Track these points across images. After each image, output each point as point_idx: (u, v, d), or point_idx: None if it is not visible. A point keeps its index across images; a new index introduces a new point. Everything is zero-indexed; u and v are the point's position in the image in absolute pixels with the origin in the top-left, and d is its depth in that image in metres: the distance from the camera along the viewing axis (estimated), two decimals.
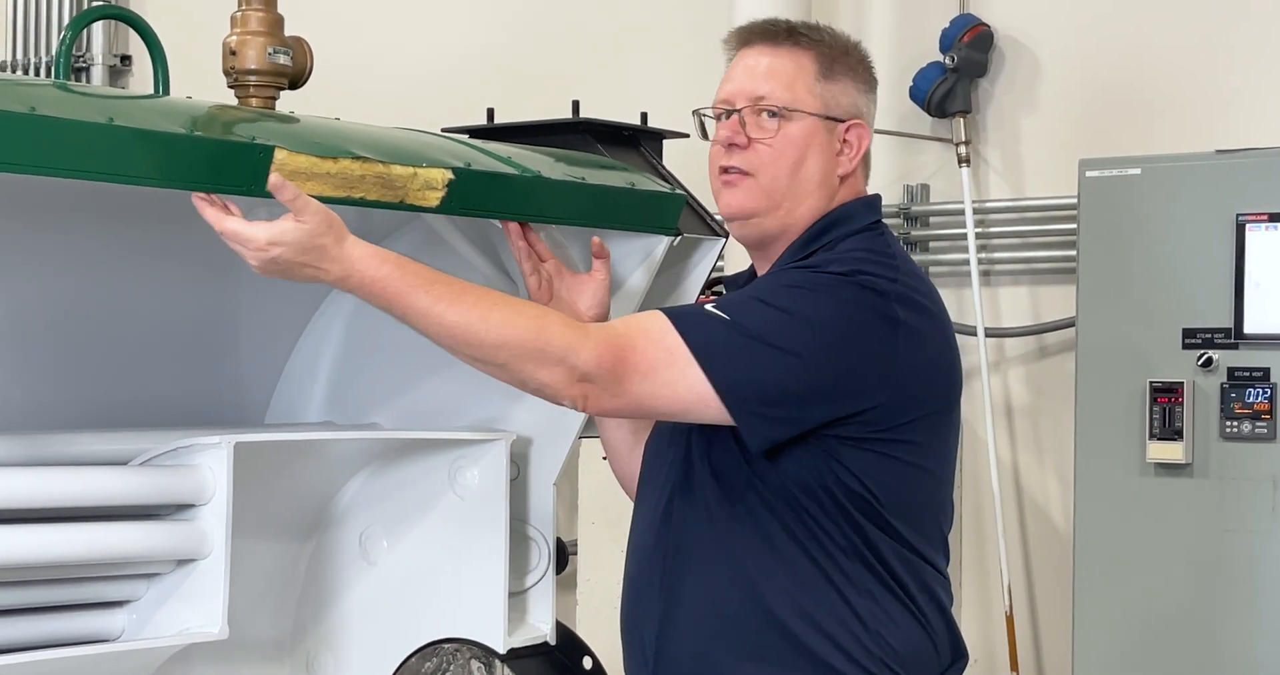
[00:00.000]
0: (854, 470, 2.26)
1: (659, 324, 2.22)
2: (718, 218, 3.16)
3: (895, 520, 2.28)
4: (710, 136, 2.45)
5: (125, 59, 6.35)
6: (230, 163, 2.30)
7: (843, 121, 2.39)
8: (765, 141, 2.35)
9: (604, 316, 2.60)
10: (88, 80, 6.26)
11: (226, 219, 2.23)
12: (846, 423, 2.24)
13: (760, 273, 2.46)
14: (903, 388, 2.27)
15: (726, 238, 3.18)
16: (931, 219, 4.66)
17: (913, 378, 2.28)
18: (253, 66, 2.71)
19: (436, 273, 2.26)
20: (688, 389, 2.20)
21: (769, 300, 2.23)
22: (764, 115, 2.35)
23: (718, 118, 2.42)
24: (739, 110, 2.37)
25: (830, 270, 2.27)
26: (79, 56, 6.30)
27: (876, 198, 2.47)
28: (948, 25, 4.50)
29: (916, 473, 2.31)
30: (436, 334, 2.23)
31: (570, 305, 2.62)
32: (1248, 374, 3.67)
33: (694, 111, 2.47)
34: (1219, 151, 3.79)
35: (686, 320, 2.22)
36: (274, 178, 2.26)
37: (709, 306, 2.24)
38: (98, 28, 6.24)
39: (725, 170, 2.38)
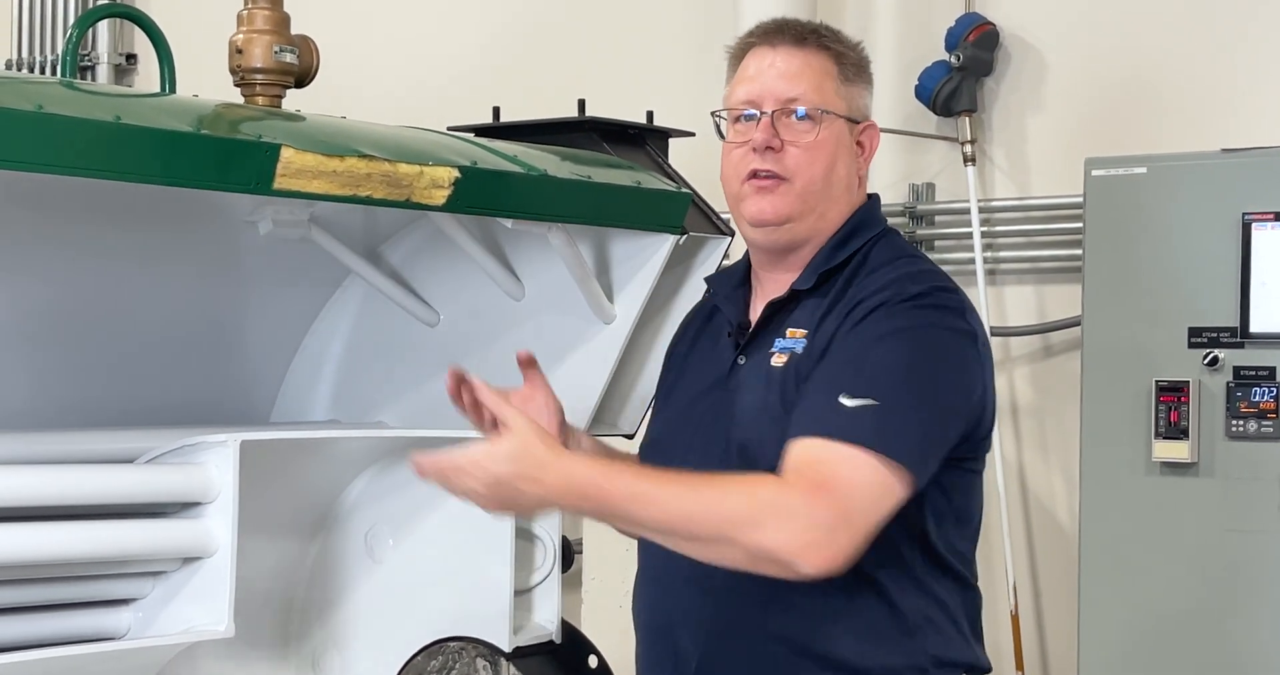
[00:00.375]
0: (944, 487, 2.25)
1: (828, 445, 2.11)
2: (724, 216, 3.16)
3: (957, 530, 2.30)
4: (726, 138, 2.38)
5: (130, 57, 6.34)
6: (237, 161, 2.30)
7: (859, 123, 2.38)
8: (799, 144, 2.30)
9: (563, 421, 2.47)
10: (93, 79, 6.26)
11: (437, 457, 2.15)
12: (960, 444, 2.25)
13: (764, 272, 2.39)
14: (990, 400, 2.31)
15: (732, 236, 3.17)
16: (937, 218, 4.65)
17: (990, 387, 2.31)
18: (259, 65, 2.71)
19: (632, 463, 2.22)
20: (886, 483, 2.10)
21: (890, 363, 2.17)
22: (793, 117, 2.30)
23: (735, 120, 2.35)
24: (768, 113, 2.30)
25: (909, 295, 2.22)
26: (84, 55, 6.30)
27: (878, 197, 2.47)
28: (953, 24, 4.49)
29: (977, 480, 2.34)
30: (656, 519, 2.11)
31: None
32: (1254, 373, 3.66)
33: (714, 113, 2.39)
34: (1225, 150, 3.78)
35: (847, 427, 2.12)
36: (478, 383, 2.23)
37: (844, 401, 2.13)
38: (103, 26, 6.23)
39: (756, 174, 2.30)
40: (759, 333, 2.34)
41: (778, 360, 2.28)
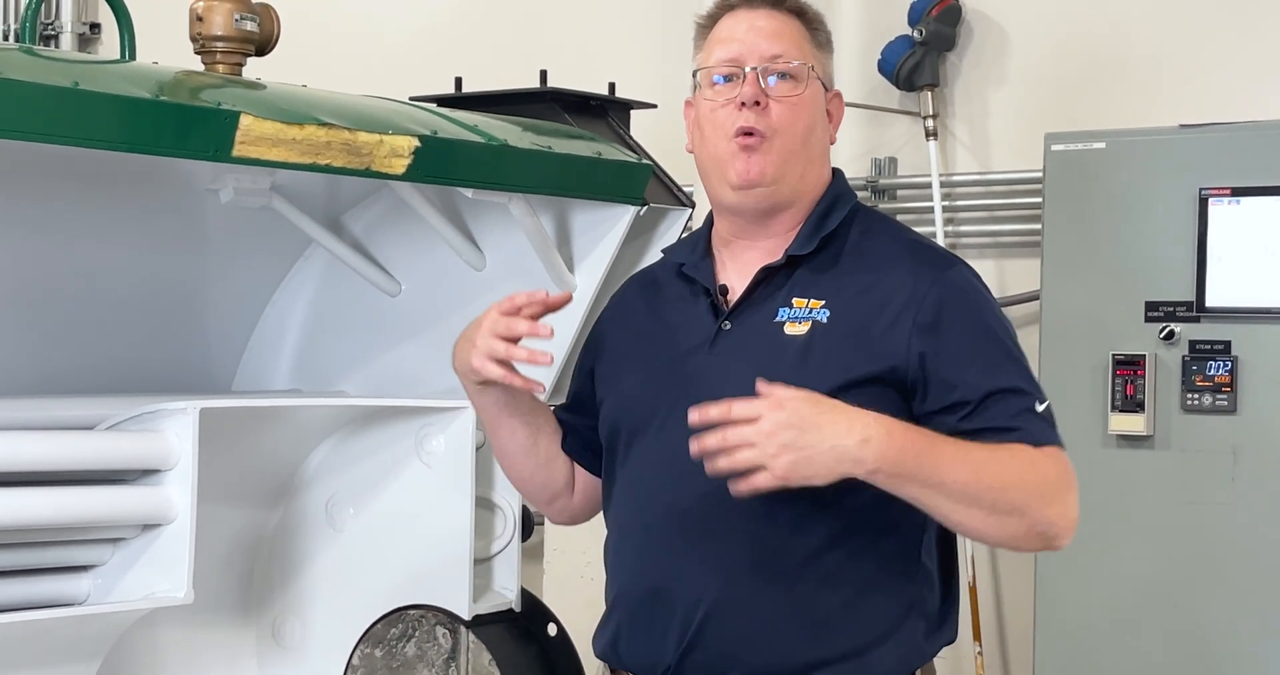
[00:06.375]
0: None
1: (1052, 450, 2.22)
2: (687, 189, 3.18)
3: None
4: (705, 97, 2.34)
5: (94, 27, 6.32)
6: (196, 128, 2.30)
7: (828, 91, 2.39)
8: (784, 101, 2.29)
9: None
10: (56, 48, 6.23)
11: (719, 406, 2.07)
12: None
13: (740, 240, 2.35)
14: None
15: (693, 208, 3.19)
16: (899, 192, 4.67)
17: None
18: (219, 33, 2.71)
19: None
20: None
21: (1021, 359, 2.27)
22: (775, 76, 2.30)
23: (714, 83, 2.32)
24: (754, 68, 2.29)
25: (956, 276, 2.29)
26: (48, 24, 6.27)
27: (842, 170, 2.48)
28: None
29: None
30: (967, 483, 2.11)
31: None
32: (1209, 347, 3.69)
33: (695, 71, 2.37)
34: (1183, 126, 3.81)
35: (1053, 433, 2.23)
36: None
37: (1038, 407, 2.22)
38: None
39: (745, 133, 2.28)
40: (746, 299, 2.33)
41: (794, 328, 2.27)
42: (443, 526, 3.02)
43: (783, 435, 2.05)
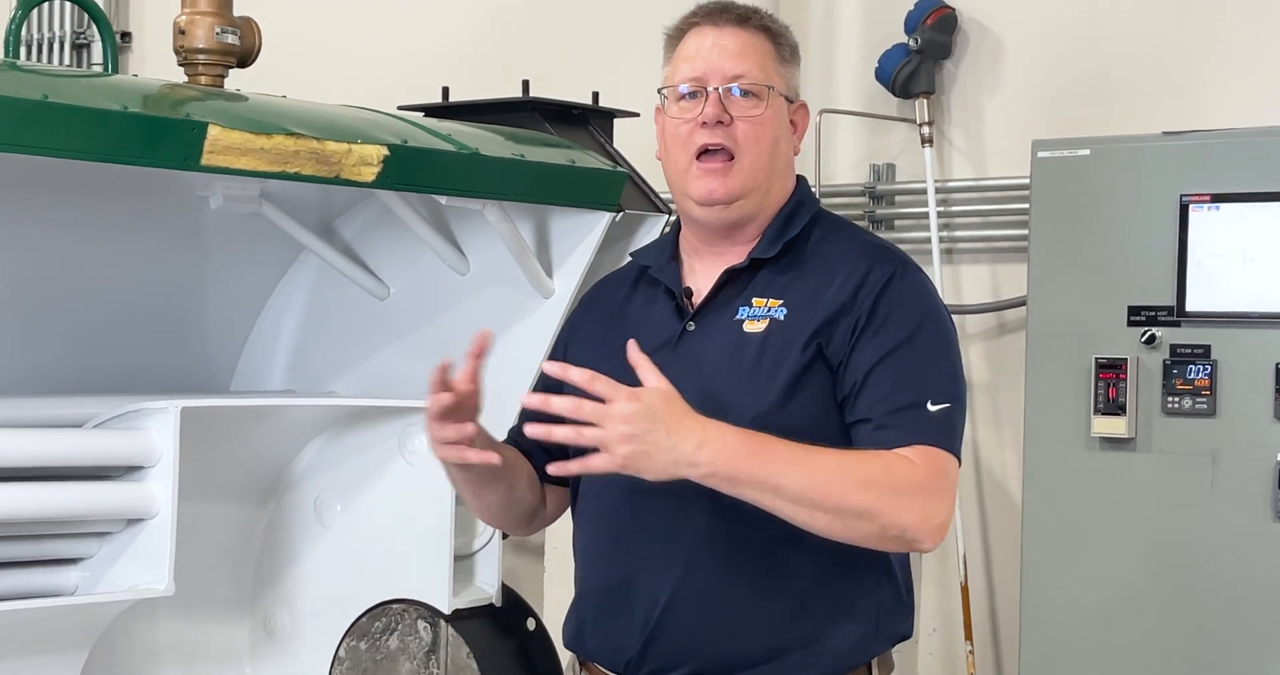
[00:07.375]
0: None
1: (931, 450, 2.24)
2: (664, 196, 3.25)
3: None
4: (670, 115, 2.40)
5: (125, 36, 6.43)
6: (164, 139, 2.38)
7: (792, 103, 2.46)
8: (747, 119, 2.35)
9: None
10: (89, 57, 6.36)
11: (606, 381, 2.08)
12: None
13: (706, 246, 2.42)
14: None
15: (669, 214, 3.26)
16: (896, 197, 4.72)
17: None
18: (201, 46, 2.79)
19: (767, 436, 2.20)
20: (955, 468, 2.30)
21: (941, 364, 2.31)
22: (738, 94, 2.35)
23: (679, 98, 2.38)
24: (716, 88, 2.34)
25: (906, 273, 2.33)
26: (80, 33, 6.40)
27: (804, 177, 2.55)
28: (913, 7, 4.54)
29: None
30: (805, 488, 2.15)
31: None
32: (1189, 351, 3.72)
33: (660, 89, 2.42)
34: (1165, 133, 3.84)
35: (940, 433, 2.26)
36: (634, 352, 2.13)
37: (930, 407, 2.26)
38: (100, 6, 6.35)
39: (706, 151, 2.34)
40: (710, 300, 2.39)
41: (753, 326, 2.34)
42: (425, 523, 3.10)
43: (630, 426, 2.09)
